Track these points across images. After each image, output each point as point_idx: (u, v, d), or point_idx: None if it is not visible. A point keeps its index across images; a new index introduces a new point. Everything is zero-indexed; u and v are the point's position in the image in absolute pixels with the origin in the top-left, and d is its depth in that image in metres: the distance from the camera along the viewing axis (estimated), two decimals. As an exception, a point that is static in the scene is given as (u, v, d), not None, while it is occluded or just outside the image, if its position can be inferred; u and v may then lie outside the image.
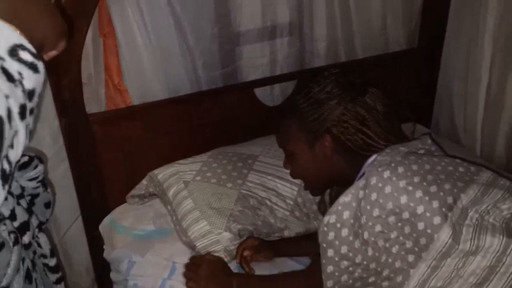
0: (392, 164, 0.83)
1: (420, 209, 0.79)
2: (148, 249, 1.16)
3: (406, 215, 0.79)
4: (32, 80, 0.50)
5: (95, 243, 1.32)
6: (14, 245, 0.63)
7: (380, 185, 0.81)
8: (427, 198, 0.79)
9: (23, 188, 0.76)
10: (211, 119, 1.37)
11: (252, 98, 1.42)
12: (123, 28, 1.22)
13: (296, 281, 0.98)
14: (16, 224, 0.68)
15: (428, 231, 0.78)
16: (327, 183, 1.01)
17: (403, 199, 0.79)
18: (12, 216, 0.68)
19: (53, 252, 0.80)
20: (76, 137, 1.22)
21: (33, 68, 0.50)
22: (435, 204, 0.79)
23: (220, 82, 1.41)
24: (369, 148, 0.90)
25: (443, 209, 0.79)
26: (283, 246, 1.16)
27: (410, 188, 0.80)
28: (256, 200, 1.19)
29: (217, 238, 1.11)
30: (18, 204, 0.72)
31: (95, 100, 1.27)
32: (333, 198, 1.07)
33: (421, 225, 0.79)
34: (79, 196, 1.29)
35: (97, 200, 1.31)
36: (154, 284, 1.08)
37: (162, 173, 1.28)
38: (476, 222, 0.81)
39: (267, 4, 1.39)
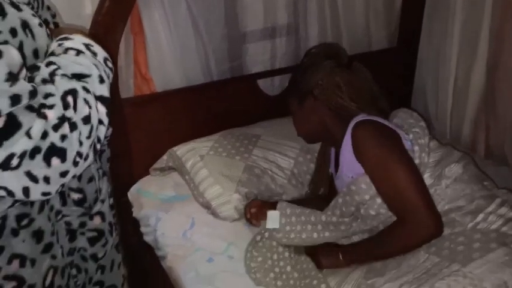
0: None
1: None
2: (171, 208, 1.48)
3: None
4: (111, 79, 0.83)
5: (123, 208, 1.64)
6: (103, 176, 0.95)
7: None
8: None
9: None
10: (221, 104, 1.69)
11: (255, 88, 1.75)
12: (150, 28, 1.54)
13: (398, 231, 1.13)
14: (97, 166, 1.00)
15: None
16: (317, 135, 1.33)
17: None
18: (95, 161, 1.00)
19: (111, 194, 1.12)
20: (110, 117, 1.54)
21: (112, 71, 0.83)
22: None
23: (229, 74, 1.73)
24: (342, 109, 1.22)
25: None
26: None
27: None
28: (259, 169, 1.51)
29: (228, 199, 1.43)
30: None
31: (125, 88, 1.59)
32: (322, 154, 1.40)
33: None
34: (110, 168, 1.61)
35: (125, 171, 1.63)
36: (178, 233, 1.40)
37: (181, 149, 1.60)
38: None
39: (269, 9, 1.72)
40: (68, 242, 0.86)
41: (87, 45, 0.80)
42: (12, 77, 0.61)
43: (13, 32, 0.68)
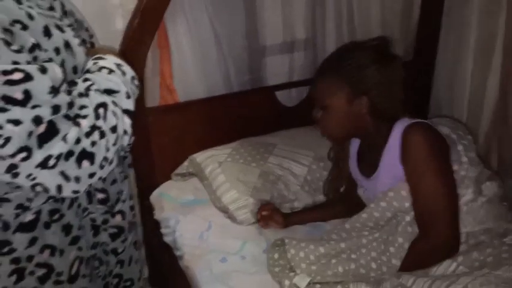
0: None
1: None
2: (190, 212, 1.58)
3: None
4: (136, 95, 0.94)
5: (146, 210, 1.76)
6: (124, 179, 1.07)
7: None
8: None
9: None
10: (240, 114, 1.78)
11: (273, 99, 1.85)
12: (175, 42, 1.65)
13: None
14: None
15: None
16: (350, 136, 1.31)
17: None
18: (118, 166, 1.11)
19: (131, 197, 1.23)
20: (136, 125, 1.67)
21: (137, 88, 0.95)
22: None
23: (248, 86, 1.83)
24: (391, 110, 1.19)
25: None
26: (293, 217, 1.52)
27: None
28: (274, 176, 1.60)
29: (245, 203, 1.51)
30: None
31: (151, 97, 1.71)
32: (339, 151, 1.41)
33: None
34: (135, 172, 1.73)
35: (148, 176, 1.75)
36: (195, 235, 1.50)
37: (200, 156, 1.71)
38: None
39: (287, 24, 1.81)
40: (92, 236, 0.97)
41: (118, 65, 0.92)
42: (54, 90, 0.73)
43: (57, 51, 0.80)
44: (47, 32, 0.79)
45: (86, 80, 0.85)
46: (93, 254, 0.99)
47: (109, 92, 0.85)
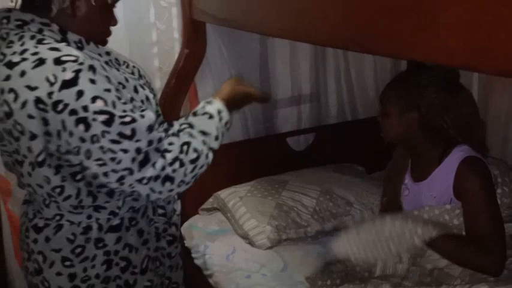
0: None
1: None
2: (216, 239, 1.93)
3: None
4: (225, 134, 1.27)
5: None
6: (177, 200, 1.41)
7: None
8: None
9: None
10: (256, 157, 2.18)
11: (284, 145, 2.25)
12: (203, 97, 2.07)
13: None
14: None
15: None
16: (404, 142, 1.46)
17: None
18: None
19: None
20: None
21: (227, 130, 1.27)
22: None
23: (263, 133, 2.24)
24: (441, 132, 1.34)
25: None
26: None
27: None
28: (287, 207, 1.95)
29: (262, 230, 1.86)
30: None
31: (181, 143, 2.10)
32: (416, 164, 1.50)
33: None
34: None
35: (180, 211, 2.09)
36: (222, 257, 1.83)
37: (224, 193, 2.07)
38: None
39: (295, 81, 2.25)
40: (155, 241, 1.31)
41: (219, 112, 1.23)
42: (149, 128, 1.09)
43: (142, 102, 1.18)
44: (135, 90, 1.17)
45: (184, 123, 1.17)
46: (156, 255, 1.32)
47: (203, 133, 1.18)
